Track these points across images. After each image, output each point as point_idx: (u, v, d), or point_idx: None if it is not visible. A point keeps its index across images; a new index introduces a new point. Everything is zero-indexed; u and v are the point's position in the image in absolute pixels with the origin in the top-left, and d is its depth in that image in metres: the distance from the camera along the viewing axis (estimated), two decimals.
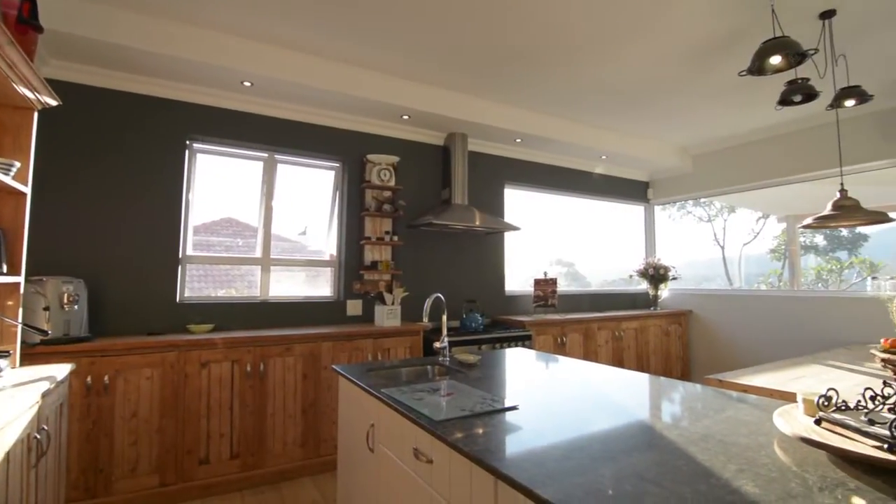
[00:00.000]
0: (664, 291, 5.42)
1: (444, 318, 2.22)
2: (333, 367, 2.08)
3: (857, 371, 2.58)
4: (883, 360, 1.10)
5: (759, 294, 5.04)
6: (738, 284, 6.63)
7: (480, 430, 1.20)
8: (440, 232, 4.15)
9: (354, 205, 3.79)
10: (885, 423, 0.98)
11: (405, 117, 3.79)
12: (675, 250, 6.02)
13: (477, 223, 3.89)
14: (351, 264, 3.73)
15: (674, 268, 5.33)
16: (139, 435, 2.56)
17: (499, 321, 4.27)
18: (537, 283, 4.59)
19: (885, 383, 1.12)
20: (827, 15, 2.65)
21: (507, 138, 4.38)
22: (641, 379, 1.88)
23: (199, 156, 3.34)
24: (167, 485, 2.60)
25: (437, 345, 2.16)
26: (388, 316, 3.43)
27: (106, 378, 2.47)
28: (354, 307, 3.70)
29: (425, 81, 3.59)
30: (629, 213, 6.01)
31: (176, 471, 2.63)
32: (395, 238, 3.80)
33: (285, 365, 2.98)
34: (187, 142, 3.23)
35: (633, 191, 5.78)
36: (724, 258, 7.01)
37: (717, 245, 7.17)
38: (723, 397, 1.57)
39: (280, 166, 3.63)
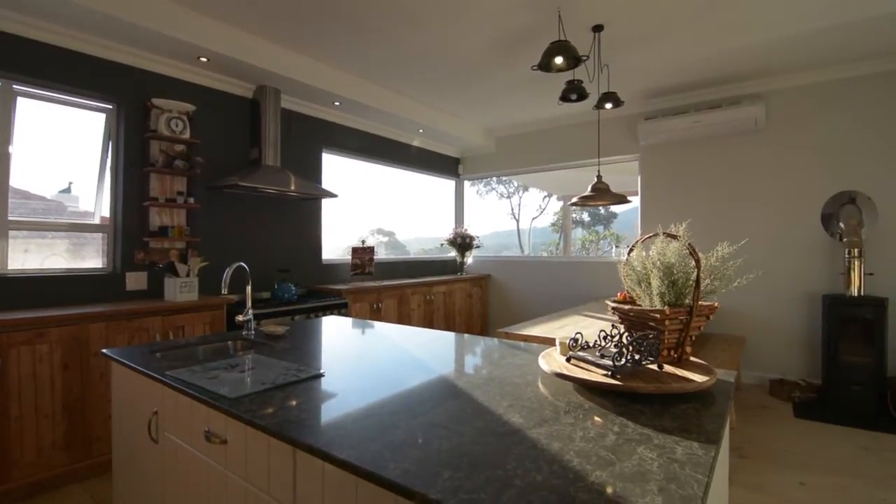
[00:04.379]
0: (469, 258, 6.01)
1: (249, 288, 2.05)
2: (103, 351, 1.74)
3: (601, 319, 3.31)
4: (612, 308, 1.42)
5: (542, 260, 6.00)
6: (527, 252, 7.76)
7: (281, 402, 1.16)
8: (248, 195, 3.78)
9: (135, 158, 3.16)
10: (611, 356, 1.28)
11: (203, 59, 3.28)
12: (481, 222, 6.72)
13: (292, 188, 3.66)
14: (131, 230, 3.13)
15: (478, 237, 5.95)
16: None
17: (315, 290, 4.16)
18: (355, 251, 4.60)
19: (613, 326, 1.46)
20: (597, 28, 3.19)
21: (326, 100, 4.18)
22: (447, 337, 2.06)
23: None
24: None
25: (239, 318, 1.99)
26: (181, 289, 3.01)
27: None
28: (137, 280, 3.14)
29: (229, 21, 3.15)
30: (442, 187, 6.43)
31: None
32: (191, 200, 3.31)
33: (36, 355, 2.38)
34: None
35: (446, 166, 6.18)
36: (518, 230, 8.12)
37: (513, 218, 8.24)
38: (507, 347, 1.83)
39: (22, 101, 2.79)
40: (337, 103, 4.26)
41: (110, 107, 3.13)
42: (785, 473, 2.56)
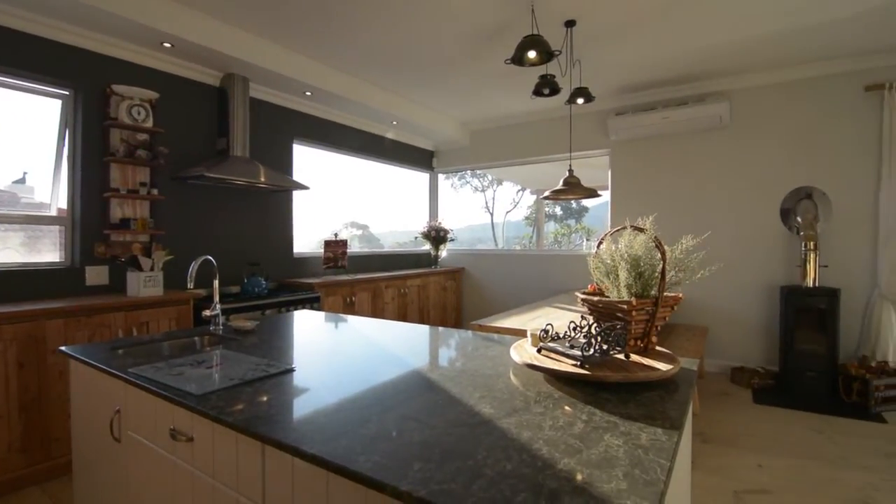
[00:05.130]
0: (443, 251, 6.02)
1: (216, 282, 2.00)
2: (61, 349, 1.67)
3: (572, 310, 3.37)
4: (581, 300, 1.44)
5: (515, 253, 6.06)
6: (501, 245, 7.82)
7: (250, 398, 1.14)
8: (215, 187, 3.67)
9: (94, 147, 3.02)
10: (580, 346, 1.31)
11: (167, 45, 3.15)
12: (456, 215, 6.73)
13: (262, 179, 3.57)
14: (91, 222, 3.00)
15: (452, 230, 5.96)
16: None
17: (286, 284, 4.09)
18: (327, 244, 4.54)
19: (582, 317, 1.49)
20: (570, 24, 3.21)
21: (297, 90, 4.09)
22: (421, 330, 2.06)
23: None
24: None
25: (206, 313, 1.93)
26: (145, 284, 2.91)
27: None
28: (98, 275, 3.02)
29: (195, 6, 3.03)
30: (417, 180, 6.40)
31: None
32: (155, 192, 3.20)
33: None
34: None
35: (420, 158, 6.15)
36: (492, 223, 8.17)
37: (487, 212, 8.28)
38: (480, 339, 1.84)
39: None
40: (308, 93, 4.17)
41: (67, 93, 2.98)
42: (744, 456, 2.68)
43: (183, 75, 3.49)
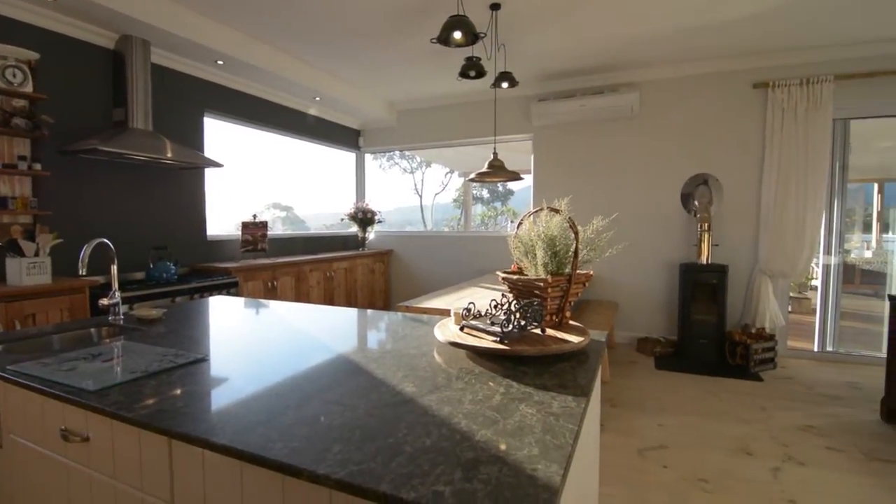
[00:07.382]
0: (371, 233, 5.93)
1: (114, 268, 1.81)
2: None
3: (497, 289, 3.48)
4: (502, 278, 1.50)
5: (444, 235, 6.13)
6: (430, 227, 7.86)
7: (154, 391, 1.06)
8: (113, 162, 3.31)
9: None
10: (500, 323, 1.36)
11: None
12: (385, 197, 6.63)
13: (168, 155, 3.27)
14: None
15: (380, 212, 5.87)
16: None
17: (199, 269, 3.82)
18: (245, 226, 4.29)
19: (503, 295, 1.54)
20: (495, 7, 3.23)
21: (206, 57, 3.76)
22: (346, 313, 2.03)
23: None
24: None
25: (103, 302, 1.76)
26: (29, 271, 2.57)
27: None
28: None
29: None
30: (343, 160, 6.21)
31: None
32: (38, 167, 2.82)
33: None
34: None
35: (346, 137, 5.96)
36: (421, 205, 8.17)
37: (416, 194, 8.26)
38: (406, 320, 1.85)
39: None
40: (219, 62, 3.86)
41: None
42: (646, 417, 2.96)
43: (70, 34, 3.07)
